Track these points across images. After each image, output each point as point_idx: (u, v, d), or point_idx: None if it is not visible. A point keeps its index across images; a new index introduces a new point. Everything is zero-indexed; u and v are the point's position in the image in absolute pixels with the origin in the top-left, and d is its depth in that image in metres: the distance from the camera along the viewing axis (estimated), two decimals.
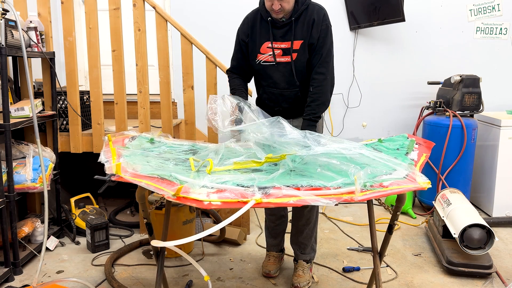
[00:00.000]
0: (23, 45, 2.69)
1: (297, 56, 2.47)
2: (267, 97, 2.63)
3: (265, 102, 2.65)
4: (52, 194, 3.40)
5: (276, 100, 2.59)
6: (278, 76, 2.54)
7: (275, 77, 2.54)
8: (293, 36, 2.46)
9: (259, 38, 2.53)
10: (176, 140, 2.44)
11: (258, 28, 2.54)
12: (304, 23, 2.46)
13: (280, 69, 2.51)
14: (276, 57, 2.49)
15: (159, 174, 1.68)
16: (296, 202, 1.48)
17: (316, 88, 2.48)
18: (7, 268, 2.72)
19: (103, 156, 1.89)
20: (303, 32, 2.46)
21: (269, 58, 2.51)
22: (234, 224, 3.44)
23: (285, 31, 2.47)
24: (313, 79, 2.49)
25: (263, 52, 2.52)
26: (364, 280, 2.77)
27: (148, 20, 3.36)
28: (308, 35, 2.45)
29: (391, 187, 1.61)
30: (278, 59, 2.49)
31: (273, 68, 2.52)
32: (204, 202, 1.47)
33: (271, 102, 2.62)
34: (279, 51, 2.48)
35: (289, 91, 2.55)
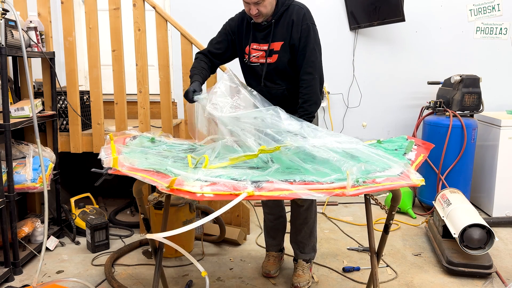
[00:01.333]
0: (23, 45, 2.70)
1: (278, 57, 2.49)
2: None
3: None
4: (52, 194, 3.40)
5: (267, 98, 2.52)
6: (255, 78, 2.60)
7: (257, 77, 2.59)
8: (272, 38, 2.48)
9: (244, 40, 2.58)
10: (177, 140, 2.44)
11: (243, 30, 2.59)
12: (284, 24, 2.47)
13: (264, 69, 2.54)
14: (260, 58, 2.54)
15: (155, 168, 1.70)
16: (288, 195, 1.48)
17: (306, 89, 2.48)
18: (7, 268, 2.72)
19: (103, 153, 1.90)
20: (284, 33, 2.47)
21: (254, 59, 2.56)
22: (234, 224, 3.44)
23: (266, 34, 2.51)
24: (302, 80, 2.49)
25: (247, 53, 2.58)
26: (364, 280, 2.77)
27: (148, 20, 3.36)
28: (289, 36, 2.46)
29: (383, 183, 1.61)
30: (261, 60, 2.54)
31: (257, 68, 2.57)
32: (197, 194, 1.48)
33: None
34: (261, 53, 2.53)
35: (275, 89, 2.57)
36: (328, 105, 4.66)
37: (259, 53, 2.54)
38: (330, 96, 4.66)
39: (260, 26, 2.51)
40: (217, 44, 2.66)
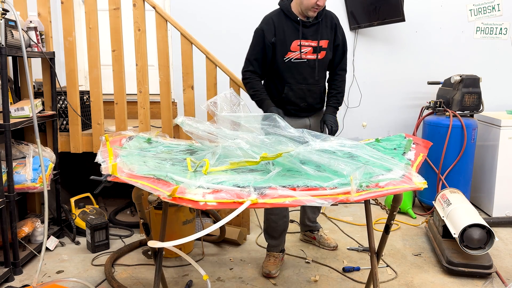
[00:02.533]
0: (23, 45, 2.70)
1: (325, 54, 2.77)
2: (294, 94, 2.78)
3: (291, 100, 2.80)
4: (52, 194, 3.40)
5: (304, 96, 2.80)
6: (308, 72, 2.75)
7: (305, 73, 2.74)
8: (320, 36, 2.73)
9: (288, 37, 2.69)
10: (173, 140, 2.44)
11: (286, 28, 2.69)
12: (327, 25, 2.76)
13: (310, 66, 2.74)
14: (307, 54, 2.71)
15: (155, 174, 1.68)
16: (291, 202, 1.48)
17: (340, 82, 2.91)
18: (7, 268, 2.72)
19: (100, 156, 1.89)
20: (328, 34, 2.76)
21: (299, 55, 2.70)
22: (234, 224, 3.44)
23: (314, 30, 2.72)
24: (337, 74, 2.90)
25: (293, 50, 2.69)
26: (364, 280, 2.77)
27: (148, 20, 3.36)
28: (333, 37, 2.79)
29: (387, 188, 1.61)
30: (309, 56, 2.72)
31: (303, 65, 2.72)
32: (200, 202, 1.47)
33: (298, 99, 2.80)
34: (309, 49, 2.71)
35: (316, 86, 2.81)
36: None
37: (307, 49, 2.70)
38: None
39: (307, 23, 2.70)
40: (257, 61, 2.77)
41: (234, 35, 4.57)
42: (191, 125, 2.16)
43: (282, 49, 2.69)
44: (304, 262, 3.03)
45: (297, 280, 2.78)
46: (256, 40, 2.74)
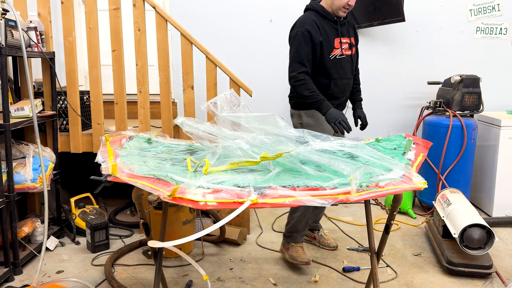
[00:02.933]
0: (23, 45, 2.70)
1: (355, 50, 2.98)
2: (338, 89, 2.90)
3: (334, 95, 2.90)
4: (52, 194, 3.40)
5: (345, 90, 2.95)
6: (348, 67, 2.91)
7: (346, 68, 2.90)
8: (351, 33, 2.95)
9: (330, 35, 2.82)
10: (174, 140, 2.44)
11: (326, 27, 2.82)
12: (350, 24, 2.99)
13: (348, 61, 2.91)
14: (346, 50, 2.88)
15: (155, 174, 1.68)
16: (291, 202, 1.48)
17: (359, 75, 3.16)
18: (7, 268, 2.73)
19: (100, 157, 1.89)
20: (352, 32, 2.98)
21: (341, 52, 2.86)
22: (234, 224, 3.45)
23: (346, 28, 2.92)
24: (357, 69, 3.11)
25: (336, 47, 2.84)
26: (364, 280, 2.77)
27: (148, 20, 3.36)
28: (354, 35, 3.01)
29: (387, 188, 1.61)
30: (347, 52, 2.89)
31: (344, 60, 2.88)
32: (200, 202, 1.47)
33: (340, 93, 2.94)
34: (346, 45, 2.89)
35: (351, 80, 3.01)
36: None
37: (345, 46, 2.87)
38: None
39: (342, 22, 2.88)
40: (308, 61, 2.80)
41: (234, 35, 4.58)
42: (191, 126, 2.16)
43: (328, 47, 2.80)
44: None
45: (297, 280, 2.78)
46: (304, 42, 2.77)
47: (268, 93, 4.66)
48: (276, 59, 4.63)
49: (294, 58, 2.80)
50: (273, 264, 2.99)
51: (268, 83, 4.65)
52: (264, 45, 4.60)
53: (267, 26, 4.57)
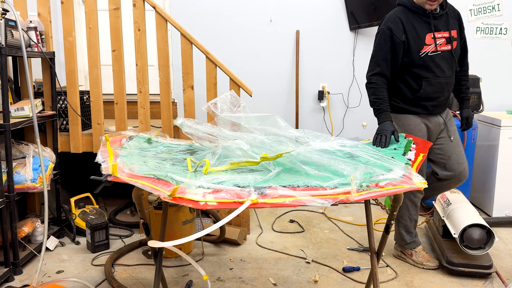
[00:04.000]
0: (23, 45, 2.70)
1: (457, 44, 2.73)
2: (432, 89, 2.70)
3: (428, 95, 2.71)
4: (52, 194, 3.40)
5: (442, 89, 2.73)
6: (444, 64, 2.69)
7: (442, 65, 2.68)
8: (450, 26, 2.69)
9: (420, 31, 2.64)
10: (174, 140, 2.44)
11: (415, 23, 2.65)
12: (452, 15, 2.74)
13: (445, 57, 2.68)
14: (441, 46, 2.66)
15: (155, 174, 1.68)
16: (292, 202, 1.48)
17: (467, 71, 2.91)
18: (7, 268, 2.72)
19: (100, 157, 1.89)
20: (455, 23, 2.73)
21: (434, 48, 2.66)
22: (234, 224, 3.45)
23: (444, 21, 2.69)
24: (464, 65, 2.88)
25: (428, 43, 2.65)
26: (364, 280, 2.77)
27: (148, 20, 3.36)
28: (458, 27, 2.75)
29: (387, 188, 1.61)
30: (443, 47, 2.67)
31: (439, 57, 2.67)
32: (200, 202, 1.47)
33: (437, 93, 2.72)
34: (443, 40, 2.66)
35: (451, 78, 2.77)
36: (328, 105, 4.66)
37: (441, 41, 2.66)
38: (330, 96, 4.66)
39: (436, 15, 2.66)
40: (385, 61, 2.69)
41: (234, 35, 4.58)
42: (191, 127, 2.16)
43: (416, 45, 2.63)
44: (304, 262, 3.03)
45: (297, 280, 2.78)
46: (383, 40, 2.67)
47: (268, 93, 4.66)
48: (276, 59, 4.64)
49: (372, 57, 2.73)
50: (273, 264, 2.99)
51: (268, 83, 4.66)
52: (264, 45, 4.60)
53: (267, 26, 4.58)
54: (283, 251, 3.20)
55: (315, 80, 4.65)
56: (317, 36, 4.58)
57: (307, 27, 4.56)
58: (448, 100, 2.82)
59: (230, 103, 2.28)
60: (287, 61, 4.64)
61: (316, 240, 3.41)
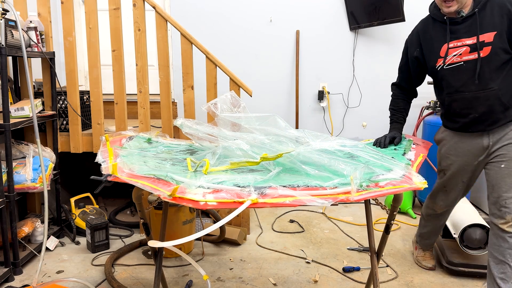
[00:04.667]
0: (23, 45, 2.70)
1: (492, 50, 2.20)
2: (458, 104, 2.34)
3: (456, 111, 2.37)
4: (52, 194, 3.40)
5: (470, 105, 2.29)
6: (468, 76, 2.27)
7: (464, 78, 2.28)
8: (481, 29, 2.21)
9: (436, 43, 2.35)
10: (174, 140, 2.44)
11: (432, 33, 2.38)
12: (492, 14, 2.21)
13: (469, 68, 2.26)
14: (463, 55, 2.26)
15: (155, 174, 1.68)
16: (292, 202, 1.48)
17: None
18: (7, 268, 2.72)
19: (100, 157, 1.89)
20: (496, 24, 2.19)
21: (454, 59, 2.29)
22: (234, 224, 3.45)
23: (469, 25, 2.24)
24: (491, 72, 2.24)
25: (443, 55, 2.32)
26: (364, 280, 2.77)
27: (148, 20, 3.36)
28: (504, 26, 2.18)
29: (387, 187, 1.61)
30: (465, 57, 2.26)
31: (461, 69, 2.28)
32: (200, 202, 1.47)
33: (464, 110, 2.33)
34: (464, 49, 2.26)
35: (485, 92, 2.25)
36: (328, 105, 4.66)
37: (461, 50, 2.26)
38: (330, 96, 4.66)
39: (458, 20, 2.27)
40: (402, 73, 2.62)
41: (234, 35, 4.58)
42: (191, 127, 2.16)
43: (432, 58, 2.37)
44: (304, 262, 3.03)
45: (297, 280, 2.78)
46: (403, 52, 2.58)
47: (268, 93, 4.66)
48: (276, 59, 4.64)
49: None
50: (273, 264, 2.99)
51: (268, 83, 4.66)
52: (264, 45, 4.60)
53: (267, 26, 4.58)
54: (283, 251, 3.20)
55: (315, 80, 4.66)
56: (317, 36, 4.58)
57: (307, 27, 4.56)
58: (496, 116, 2.27)
59: (230, 103, 2.28)
60: (287, 61, 4.64)
61: (316, 240, 3.41)
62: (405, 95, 2.65)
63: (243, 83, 3.31)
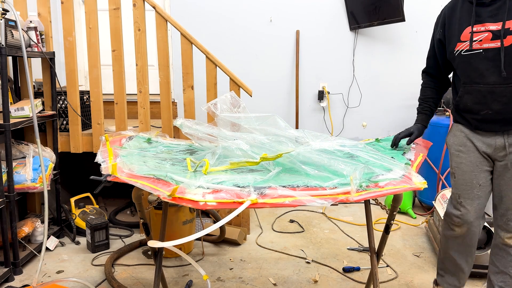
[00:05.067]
0: (23, 45, 2.70)
1: None
2: (471, 98, 2.06)
3: (467, 105, 2.10)
4: (52, 194, 3.40)
5: (484, 100, 2.02)
6: (486, 67, 1.98)
7: (482, 68, 2.00)
8: (507, 14, 1.90)
9: (459, 25, 2.05)
10: (173, 140, 2.44)
11: (459, 14, 2.07)
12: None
13: (489, 58, 1.97)
14: (484, 42, 1.97)
15: (155, 174, 1.68)
16: (291, 202, 1.48)
17: None
18: (7, 268, 2.72)
19: (100, 156, 1.89)
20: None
21: (474, 45, 1.99)
22: (234, 224, 3.45)
23: (496, 9, 1.95)
24: None
25: (463, 40, 2.02)
26: (364, 280, 2.77)
27: (148, 20, 3.36)
28: None
29: (387, 187, 1.61)
30: (486, 45, 1.96)
31: (479, 57, 1.99)
32: (200, 202, 1.47)
33: (477, 104, 2.06)
34: (486, 35, 1.96)
35: (503, 86, 1.97)
36: (328, 105, 4.66)
37: (482, 36, 1.97)
38: (330, 96, 4.66)
39: (486, 2, 1.98)
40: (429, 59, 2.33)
41: (234, 35, 4.58)
42: (191, 127, 2.16)
43: (452, 41, 2.07)
44: (304, 262, 3.03)
45: (297, 280, 2.78)
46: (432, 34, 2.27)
47: (268, 93, 4.66)
48: (276, 59, 4.64)
49: None
50: (273, 264, 2.99)
51: (268, 83, 4.66)
52: (264, 45, 4.60)
53: (267, 26, 4.58)
54: (283, 251, 3.20)
55: (315, 80, 4.66)
56: (317, 36, 4.58)
57: (307, 27, 4.56)
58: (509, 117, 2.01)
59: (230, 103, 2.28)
60: (287, 61, 4.64)
61: (316, 240, 3.41)
62: (434, 83, 2.34)
63: (243, 83, 3.31)
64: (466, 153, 2.16)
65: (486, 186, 2.14)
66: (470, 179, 2.14)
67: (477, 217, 2.16)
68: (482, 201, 2.14)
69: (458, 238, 2.22)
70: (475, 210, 2.14)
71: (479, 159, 2.13)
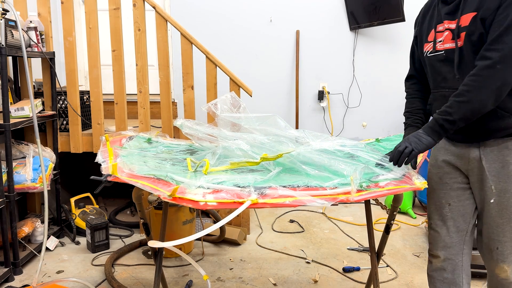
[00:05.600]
0: (23, 45, 2.70)
1: (466, 37, 1.63)
2: (438, 105, 1.75)
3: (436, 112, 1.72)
4: (52, 194, 3.41)
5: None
6: (447, 70, 1.73)
7: (444, 71, 1.75)
8: (462, 10, 1.66)
9: (428, 23, 1.82)
10: (174, 140, 2.44)
11: (431, 11, 1.83)
12: None
13: (449, 59, 1.72)
14: (445, 42, 1.71)
15: (155, 174, 1.68)
16: (292, 202, 1.48)
17: (470, 77, 1.59)
18: (7, 268, 2.72)
19: (100, 157, 1.89)
20: (476, 2, 1.62)
21: (439, 45, 1.75)
22: (234, 224, 3.45)
23: (455, 6, 1.70)
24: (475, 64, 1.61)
25: (430, 40, 1.79)
26: (364, 280, 2.77)
27: (148, 20, 3.36)
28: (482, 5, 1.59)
29: (387, 188, 1.61)
30: (447, 45, 1.71)
31: (440, 59, 1.75)
32: (200, 202, 1.47)
33: None
34: (446, 34, 1.71)
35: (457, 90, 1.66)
36: (328, 105, 4.66)
37: (444, 35, 1.73)
38: (330, 96, 4.66)
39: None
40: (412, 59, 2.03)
41: (234, 35, 4.58)
42: (191, 128, 2.16)
43: (423, 41, 1.84)
44: (304, 262, 3.03)
45: (297, 280, 2.78)
46: None
47: (268, 93, 4.67)
48: (276, 59, 4.64)
49: None
50: (273, 264, 2.99)
51: (269, 83, 4.66)
52: (264, 45, 4.60)
53: (267, 26, 4.58)
54: (283, 251, 3.20)
55: (315, 80, 4.66)
56: (317, 36, 4.58)
57: (307, 27, 4.56)
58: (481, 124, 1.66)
59: (230, 104, 2.28)
60: (287, 61, 4.64)
61: (316, 240, 3.41)
62: (420, 92, 2.03)
63: (243, 83, 3.31)
64: (436, 168, 1.91)
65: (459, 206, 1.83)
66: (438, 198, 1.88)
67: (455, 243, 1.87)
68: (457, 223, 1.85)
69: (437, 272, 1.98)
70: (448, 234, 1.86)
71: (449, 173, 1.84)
